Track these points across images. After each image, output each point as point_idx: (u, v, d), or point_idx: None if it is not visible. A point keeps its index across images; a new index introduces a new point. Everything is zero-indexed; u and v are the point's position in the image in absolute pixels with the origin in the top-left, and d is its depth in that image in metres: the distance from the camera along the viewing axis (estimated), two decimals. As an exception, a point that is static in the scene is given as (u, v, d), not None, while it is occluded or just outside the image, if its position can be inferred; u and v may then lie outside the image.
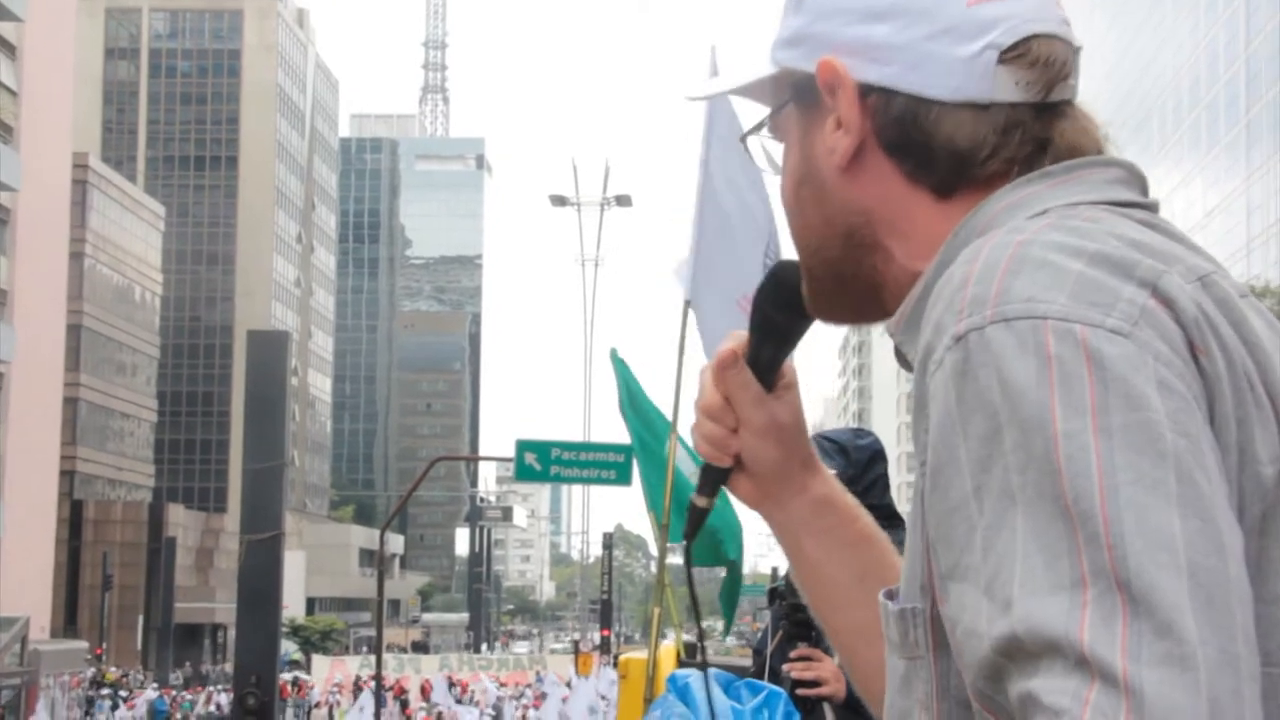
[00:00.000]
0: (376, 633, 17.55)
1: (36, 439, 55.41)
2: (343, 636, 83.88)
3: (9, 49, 53.74)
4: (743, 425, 1.30)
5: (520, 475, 15.77)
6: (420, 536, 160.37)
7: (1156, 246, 1.02)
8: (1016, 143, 1.13)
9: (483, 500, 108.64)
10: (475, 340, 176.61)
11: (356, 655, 57.11)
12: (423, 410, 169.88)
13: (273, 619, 13.73)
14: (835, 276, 1.21)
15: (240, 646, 13.99)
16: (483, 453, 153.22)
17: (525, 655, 54.61)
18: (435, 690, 34.00)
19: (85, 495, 72.66)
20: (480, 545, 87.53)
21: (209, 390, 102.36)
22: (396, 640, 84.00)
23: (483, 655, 54.07)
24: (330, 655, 57.96)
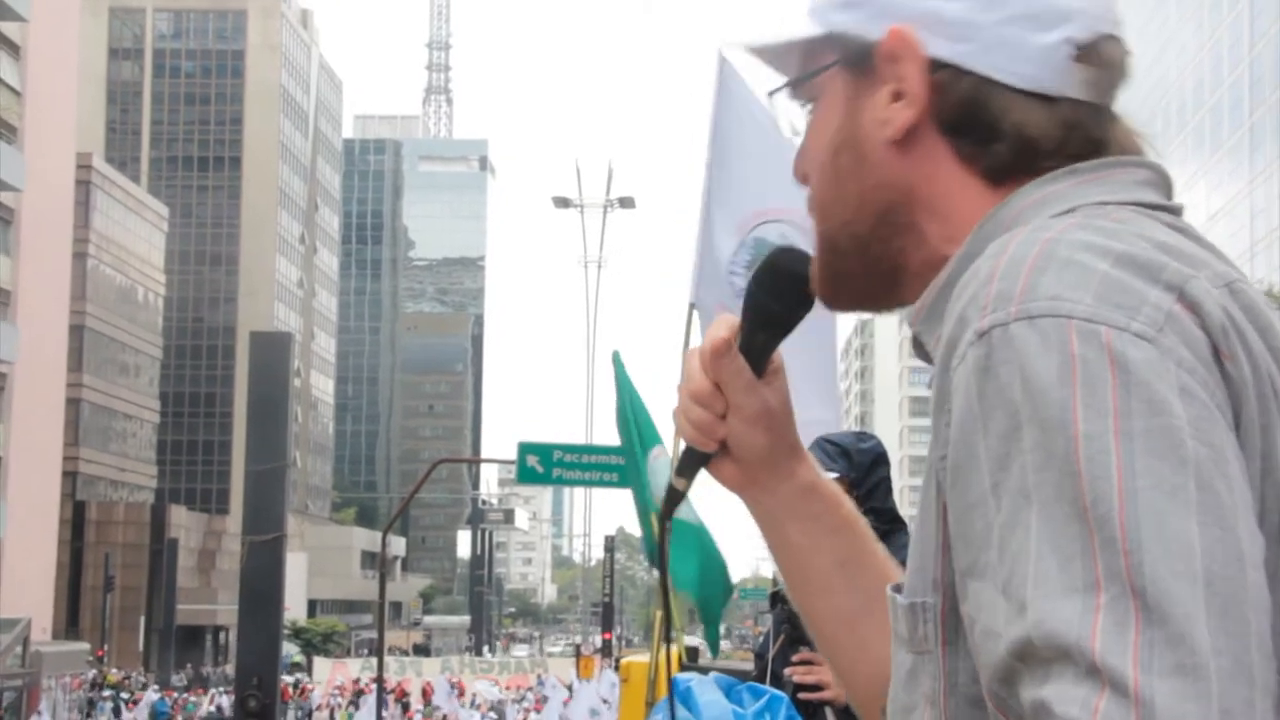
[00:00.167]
0: (378, 635, 17.53)
1: (39, 439, 55.44)
2: (344, 639, 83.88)
3: (13, 49, 53.78)
4: (733, 412, 1.28)
5: (522, 478, 15.74)
6: (422, 539, 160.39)
7: (1184, 250, 1.01)
8: (1077, 141, 1.11)
9: (484, 502, 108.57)
10: (478, 342, 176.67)
11: (358, 658, 57.10)
12: (425, 412, 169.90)
13: (274, 621, 13.72)
14: (859, 254, 1.18)
15: (242, 648, 13.98)
16: (485, 455, 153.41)
17: (526, 659, 54.55)
18: (436, 693, 34.00)
19: (87, 496, 72.68)
20: (482, 548, 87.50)
21: (211, 391, 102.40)
22: (398, 643, 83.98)
23: (484, 658, 54.03)
24: (332, 657, 57.91)
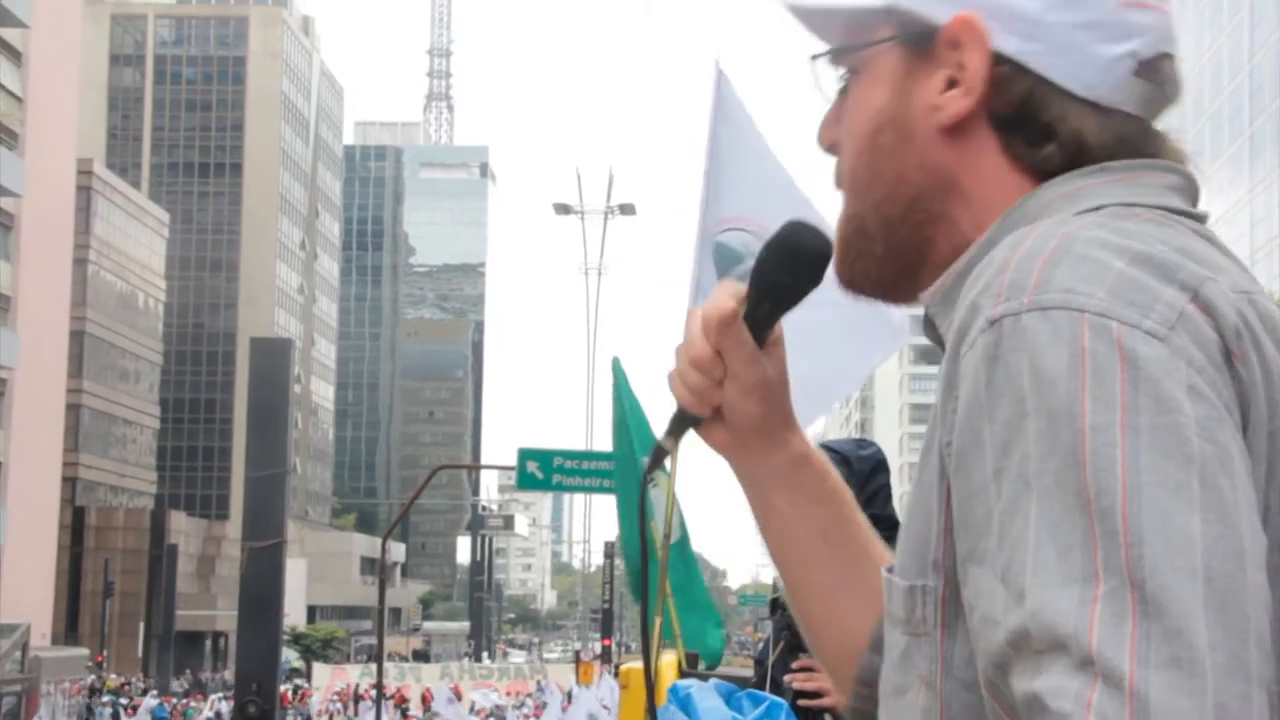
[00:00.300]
0: (378, 641, 17.54)
1: (39, 445, 55.44)
2: (344, 645, 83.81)
3: (14, 55, 53.83)
4: (731, 381, 1.27)
5: (522, 484, 15.78)
6: (422, 545, 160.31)
7: (1204, 255, 1.01)
8: (1126, 154, 1.11)
9: (484, 509, 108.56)
10: (478, 348, 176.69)
11: (357, 664, 57.07)
12: (425, 418, 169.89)
13: (274, 627, 13.72)
14: (886, 237, 1.17)
15: (241, 654, 13.98)
16: (485, 461, 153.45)
17: (525, 665, 54.51)
18: (436, 699, 33.98)
19: (87, 502, 72.67)
20: (482, 554, 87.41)
21: (211, 397, 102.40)
22: (397, 649, 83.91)
23: (483, 664, 54.01)
24: (331, 664, 57.88)
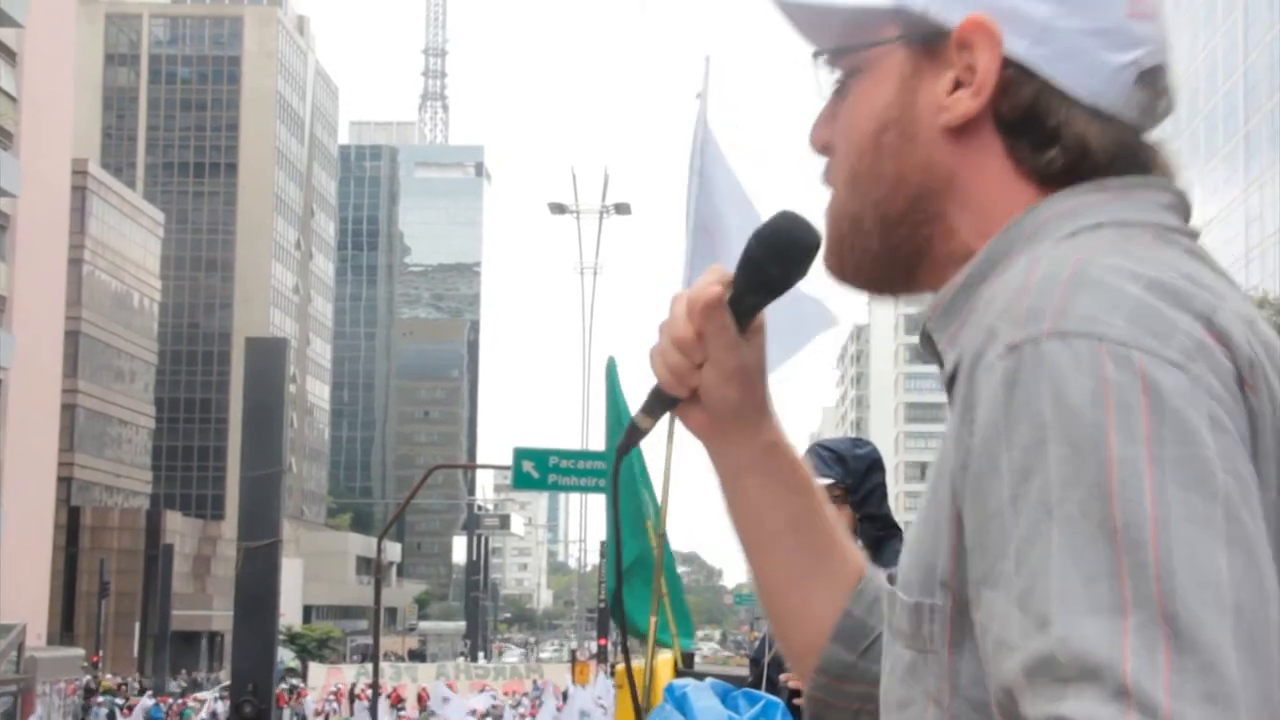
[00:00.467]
0: (373, 641, 17.53)
1: (34, 445, 55.40)
2: (340, 644, 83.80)
3: (9, 55, 53.77)
4: (711, 365, 1.28)
5: (518, 483, 15.75)
6: (418, 544, 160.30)
7: (1206, 281, 1.02)
8: (1124, 161, 1.13)
9: (480, 508, 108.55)
10: (474, 348, 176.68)
11: (353, 664, 57.06)
12: (421, 418, 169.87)
13: (270, 626, 13.71)
14: (884, 235, 1.17)
15: (237, 654, 13.96)
16: (480, 460, 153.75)
17: (520, 664, 54.53)
18: (432, 699, 33.97)
19: (82, 502, 72.62)
20: (477, 553, 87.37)
21: (207, 397, 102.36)
22: (393, 648, 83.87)
23: (479, 664, 54.00)
24: (327, 663, 57.86)
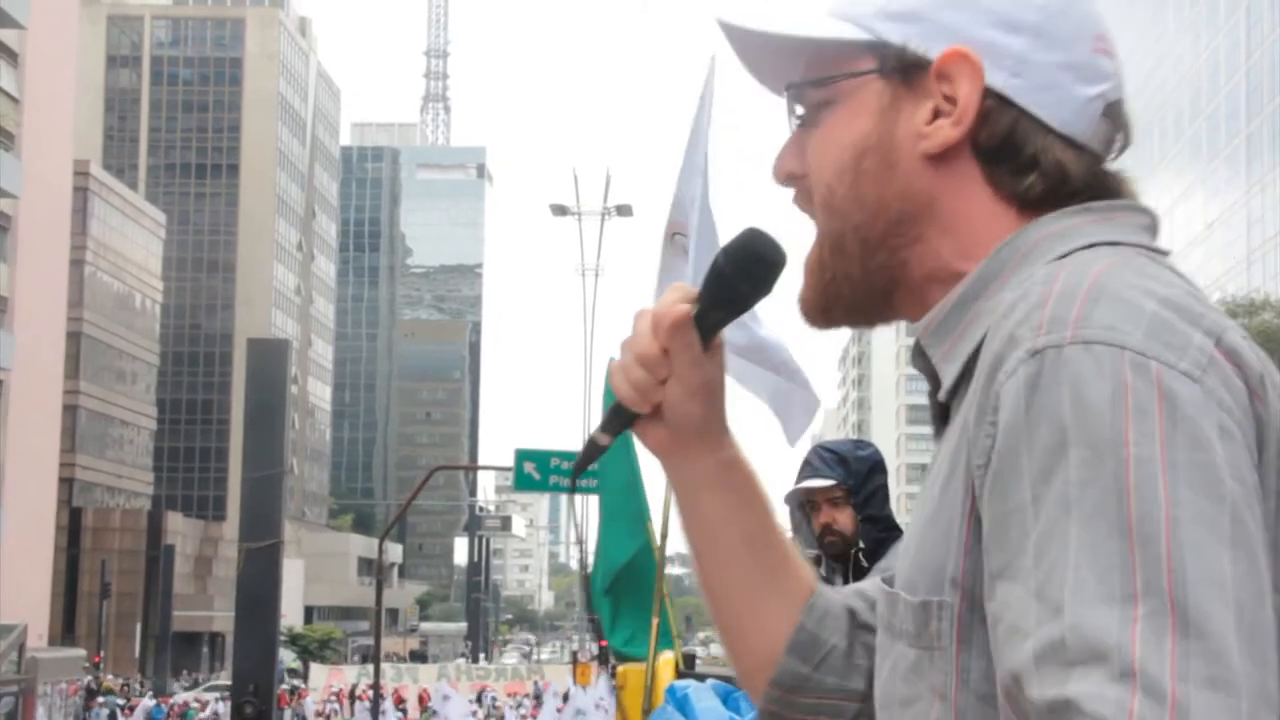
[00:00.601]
0: (374, 642, 17.53)
1: (36, 446, 55.39)
2: (341, 645, 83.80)
3: (11, 56, 53.79)
4: (676, 381, 1.29)
5: (519, 485, 15.75)
6: (419, 545, 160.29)
7: (1202, 299, 1.07)
8: (1096, 188, 1.17)
9: (481, 509, 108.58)
10: (475, 349, 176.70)
11: (354, 664, 57.06)
12: (422, 419, 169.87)
13: (271, 627, 13.71)
14: (864, 259, 1.21)
15: (238, 655, 13.97)
16: (482, 462, 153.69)
17: (521, 665, 54.51)
18: (434, 698, 33.96)
19: (84, 503, 72.63)
20: (479, 554, 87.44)
21: (208, 398, 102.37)
22: (394, 649, 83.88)
23: (480, 665, 54.02)
24: (328, 664, 57.86)
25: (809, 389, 5.45)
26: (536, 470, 15.33)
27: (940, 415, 1.20)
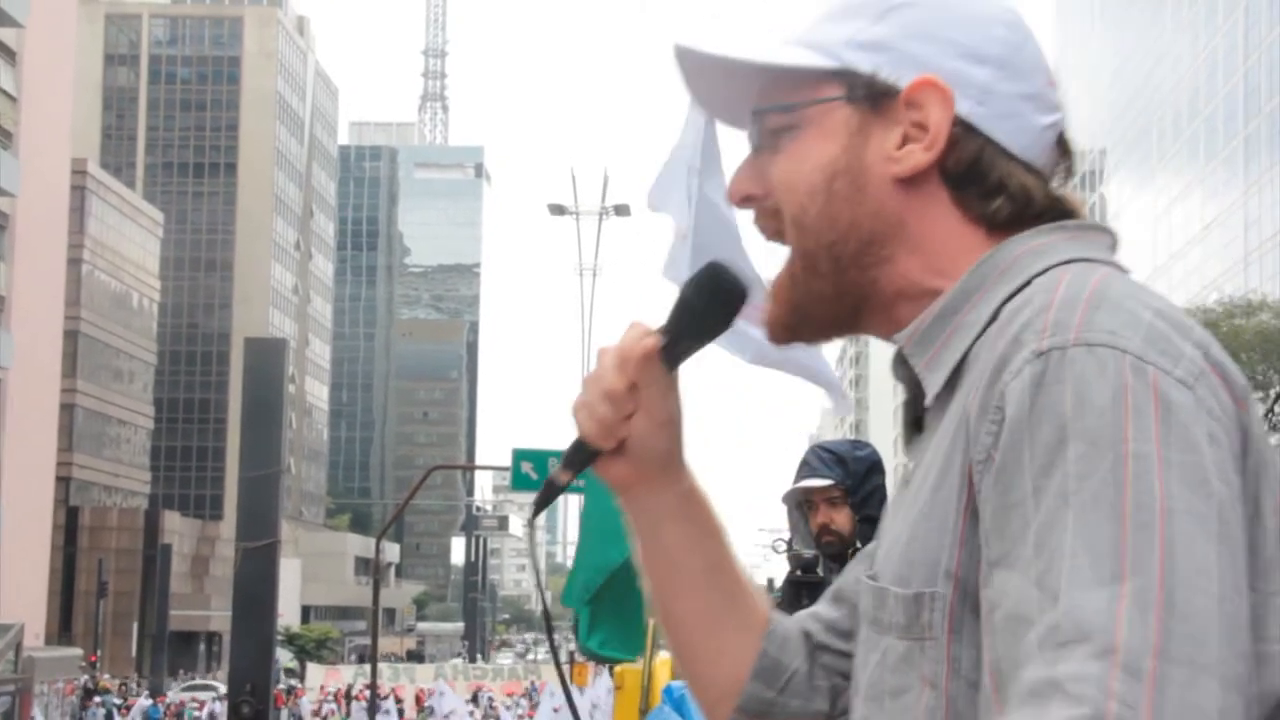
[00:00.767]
0: (371, 641, 17.48)
1: (33, 445, 55.36)
2: (338, 645, 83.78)
3: (9, 54, 53.75)
4: (643, 414, 1.32)
5: (517, 484, 15.73)
6: (416, 545, 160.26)
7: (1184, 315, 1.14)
8: (1055, 211, 1.24)
9: (479, 509, 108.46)
10: (473, 349, 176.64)
11: (351, 664, 57.03)
12: (420, 419, 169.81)
13: (268, 627, 13.68)
14: (836, 275, 1.24)
15: (235, 654, 13.94)
16: (479, 461, 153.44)
17: (519, 665, 54.49)
18: (432, 697, 33.96)
19: (81, 502, 72.58)
20: (476, 554, 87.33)
21: (206, 397, 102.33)
22: (392, 649, 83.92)
23: (477, 665, 53.99)
24: (325, 664, 57.83)
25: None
26: (534, 470, 15.31)
27: (912, 422, 1.26)
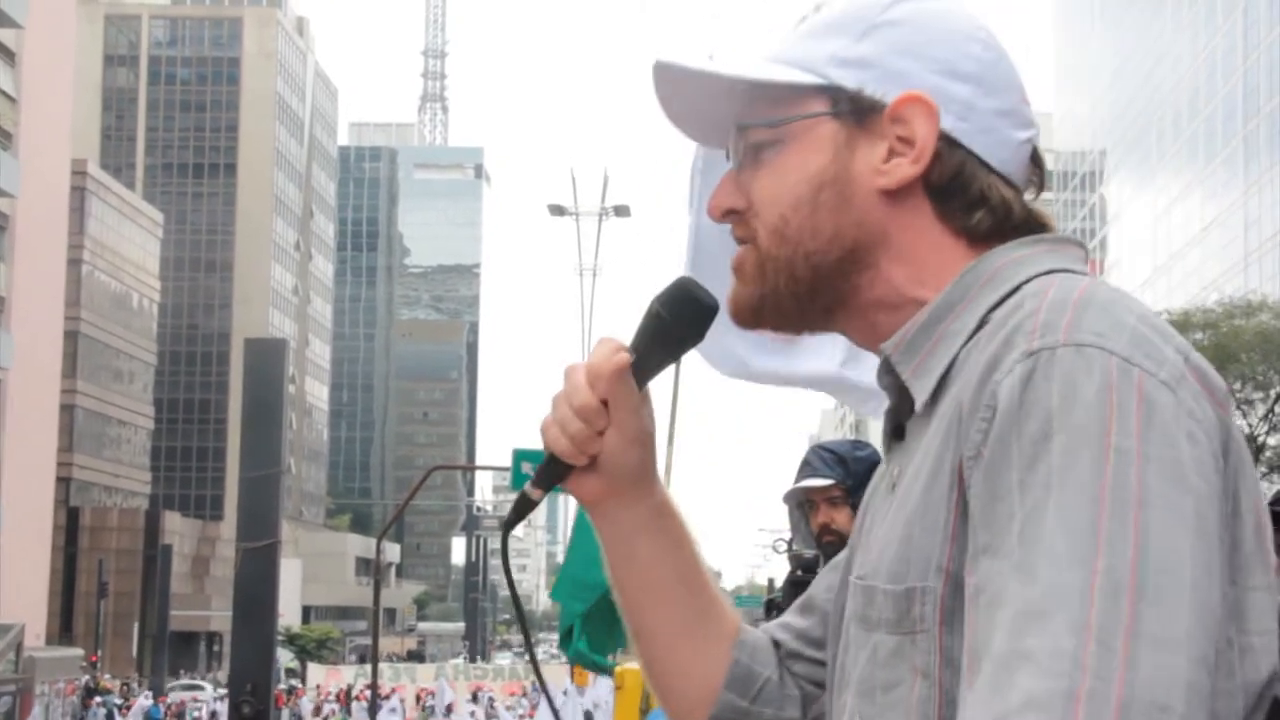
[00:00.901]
0: (372, 641, 17.49)
1: (33, 445, 55.37)
2: (338, 645, 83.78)
3: (9, 55, 53.76)
4: (615, 429, 1.35)
5: (517, 484, 15.71)
6: (417, 545, 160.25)
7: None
8: (1031, 224, 1.28)
9: (479, 509, 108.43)
10: (473, 349, 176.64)
11: (352, 665, 57.04)
12: (420, 419, 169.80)
13: (268, 627, 13.69)
14: (813, 281, 1.28)
15: (236, 654, 13.95)
16: (479, 462, 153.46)
17: (520, 665, 54.47)
18: (435, 698, 33.97)
19: (81, 502, 72.59)
20: (476, 554, 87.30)
21: (206, 398, 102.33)
22: (392, 649, 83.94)
23: (477, 665, 53.99)
24: (326, 664, 57.84)
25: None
26: (534, 471, 15.32)
27: (894, 431, 1.29)
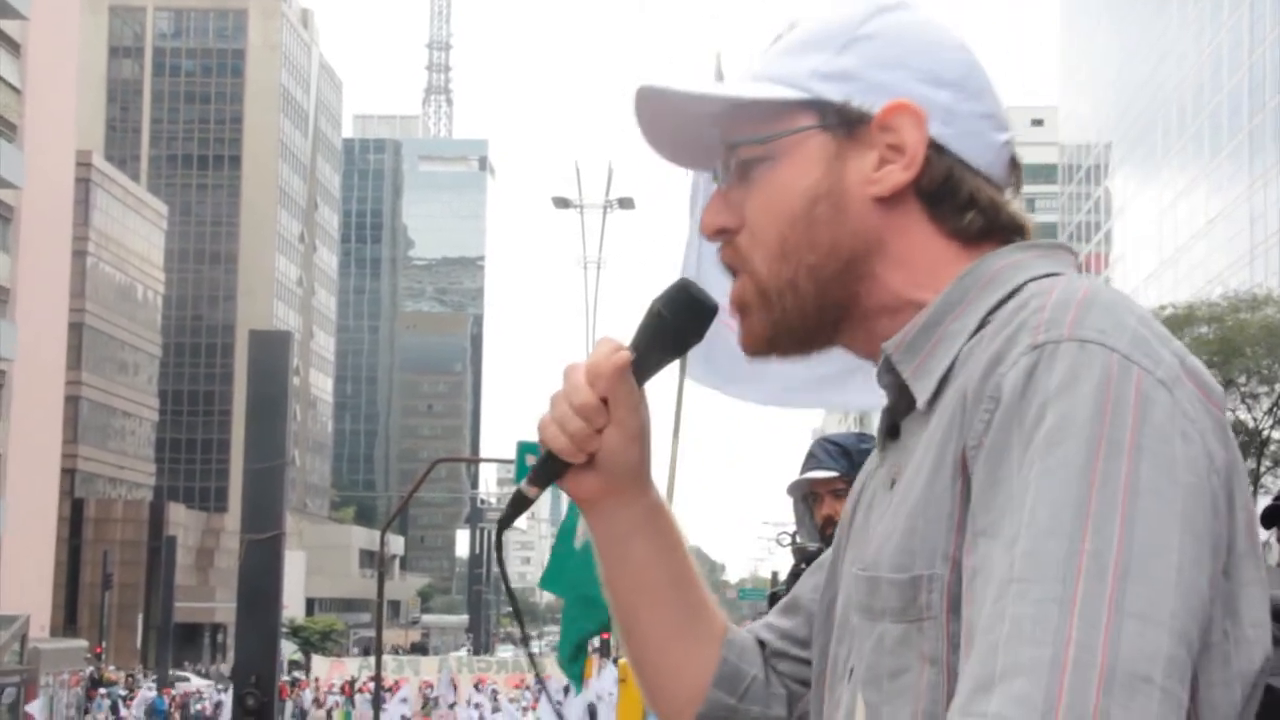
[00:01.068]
0: (376, 634, 17.52)
1: (37, 437, 55.45)
2: (342, 637, 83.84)
3: (13, 47, 53.78)
4: (615, 427, 1.37)
5: (521, 477, 15.74)
6: (421, 538, 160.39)
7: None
8: (1017, 225, 1.32)
9: (483, 502, 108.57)
10: (477, 342, 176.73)
11: (356, 657, 57.09)
12: (424, 411, 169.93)
13: (273, 619, 13.68)
14: (817, 294, 1.30)
15: (240, 646, 13.96)
16: (483, 454, 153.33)
17: (523, 658, 54.49)
18: (439, 685, 34.00)
19: (86, 494, 72.70)
20: (480, 547, 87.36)
21: (210, 389, 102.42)
22: (396, 641, 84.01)
23: (481, 658, 54.04)
24: (330, 656, 57.91)
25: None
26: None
27: (889, 430, 1.31)
